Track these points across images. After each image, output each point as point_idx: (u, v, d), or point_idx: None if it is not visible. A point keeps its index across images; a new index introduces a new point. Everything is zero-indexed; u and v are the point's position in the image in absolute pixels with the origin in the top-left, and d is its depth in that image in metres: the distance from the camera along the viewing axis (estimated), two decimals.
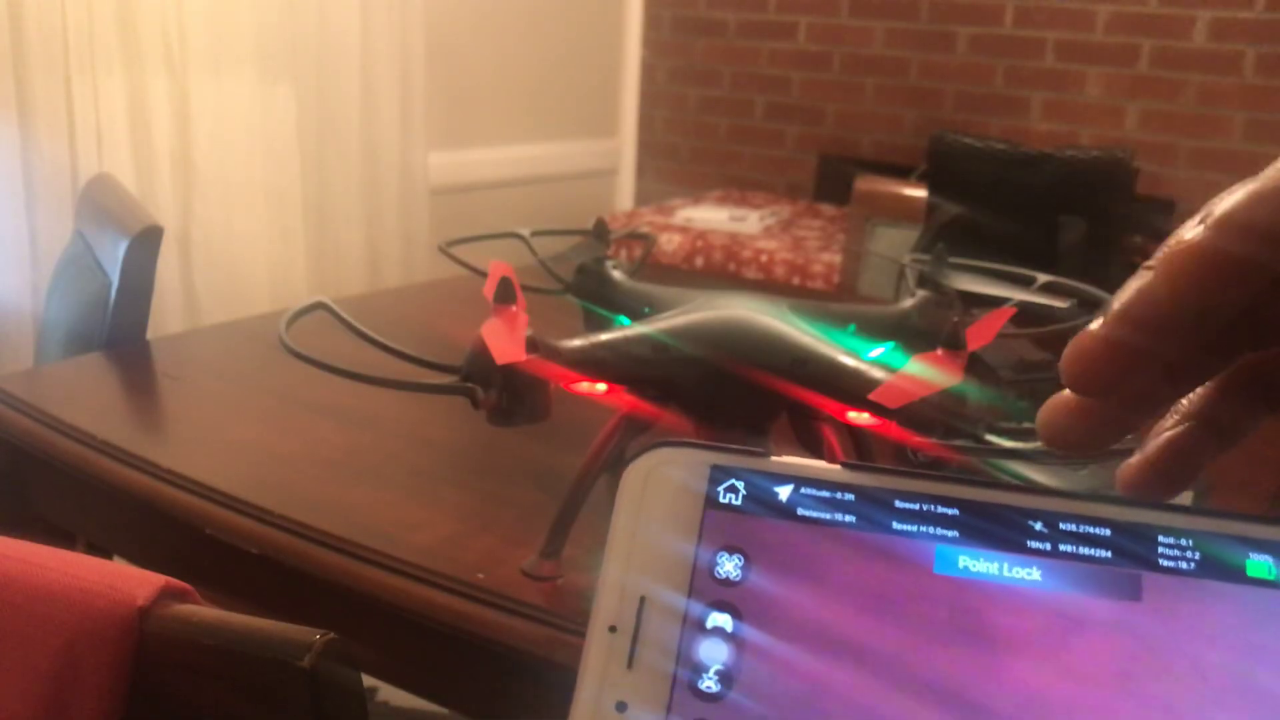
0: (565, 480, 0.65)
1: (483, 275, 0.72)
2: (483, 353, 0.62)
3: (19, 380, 1.01)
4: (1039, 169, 2.26)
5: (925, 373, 0.61)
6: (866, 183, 2.31)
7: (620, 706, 0.21)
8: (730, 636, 0.22)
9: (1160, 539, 0.22)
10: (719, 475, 0.24)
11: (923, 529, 0.23)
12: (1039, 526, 0.23)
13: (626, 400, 0.65)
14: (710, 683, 0.21)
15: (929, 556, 0.22)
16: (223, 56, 2.23)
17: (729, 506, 0.23)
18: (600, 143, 3.41)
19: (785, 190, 3.27)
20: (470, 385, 0.63)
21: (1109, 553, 0.22)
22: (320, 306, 0.71)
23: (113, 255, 1.17)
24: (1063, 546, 0.22)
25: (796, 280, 2.57)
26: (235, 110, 2.26)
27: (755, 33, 3.22)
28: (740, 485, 0.23)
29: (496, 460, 0.86)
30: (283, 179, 2.37)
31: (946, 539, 0.23)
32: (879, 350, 0.71)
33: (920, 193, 2.23)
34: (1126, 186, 2.26)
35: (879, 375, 0.62)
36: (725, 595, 0.22)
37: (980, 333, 0.66)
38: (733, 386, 0.64)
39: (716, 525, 0.23)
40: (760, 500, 0.23)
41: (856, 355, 0.65)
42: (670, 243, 2.74)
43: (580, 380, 0.64)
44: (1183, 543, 0.22)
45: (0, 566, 0.49)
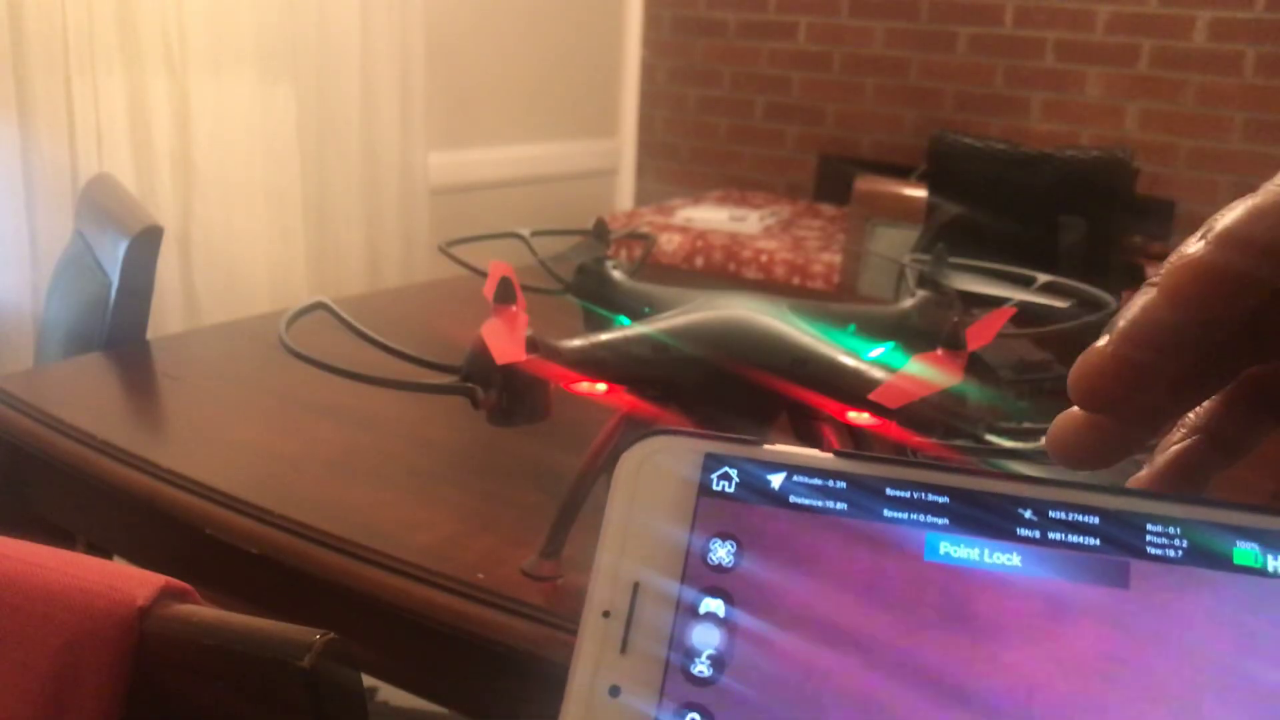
0: (565, 480, 0.65)
1: (483, 275, 0.73)
2: (483, 353, 0.62)
3: (19, 380, 1.01)
4: (1039, 169, 2.26)
5: (925, 373, 0.61)
6: (866, 183, 2.31)
7: (614, 691, 0.22)
8: (723, 622, 0.22)
9: (1148, 527, 0.23)
10: (712, 463, 0.24)
11: (914, 517, 0.23)
12: (1029, 514, 0.23)
13: (626, 400, 0.65)
14: (703, 667, 0.22)
15: (920, 544, 0.23)
16: (223, 56, 2.23)
17: (722, 494, 0.23)
18: (600, 143, 3.41)
19: (785, 190, 3.27)
20: (470, 385, 0.63)
21: (1097, 540, 0.22)
22: (320, 306, 0.71)
23: (113, 255, 1.17)
24: (1052, 534, 0.23)
25: (796, 280, 2.57)
26: (235, 110, 2.27)
27: (755, 33, 3.22)
28: (733, 473, 0.24)
29: (496, 460, 0.86)
30: (283, 179, 2.37)
31: (937, 526, 0.23)
32: (879, 350, 0.71)
33: (920, 193, 2.23)
34: (1126, 186, 2.26)
35: (879, 375, 0.62)
36: (718, 581, 0.23)
37: (980, 333, 0.66)
38: (733, 386, 0.64)
39: (710, 512, 0.23)
40: (753, 488, 0.23)
41: (856, 355, 0.65)
42: (670, 243, 2.74)
43: (580, 380, 0.64)
44: (1170, 531, 0.22)
45: (0, 566, 0.49)
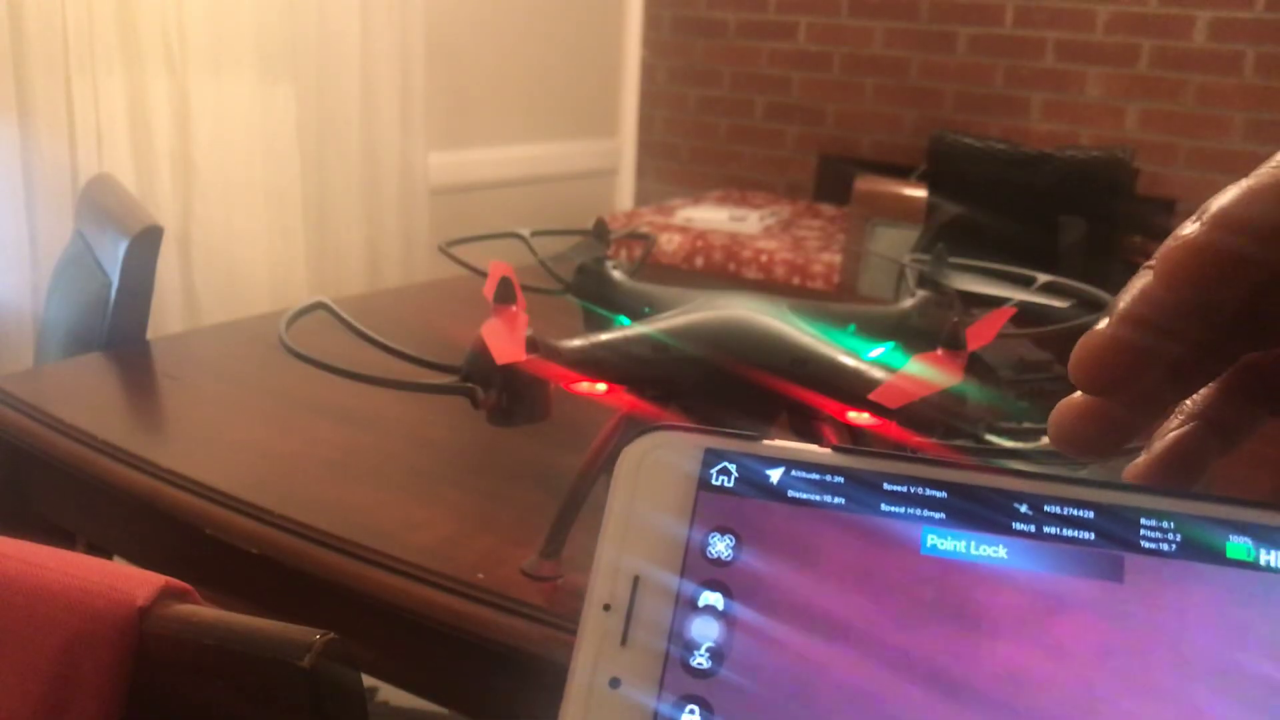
0: (565, 480, 0.65)
1: (483, 275, 0.73)
2: (483, 353, 0.62)
3: (19, 380, 1.01)
4: (1039, 169, 2.26)
5: (925, 373, 0.61)
6: (866, 183, 2.31)
7: (614, 683, 0.22)
8: (722, 615, 0.22)
9: (1142, 521, 0.23)
10: (712, 458, 0.24)
11: (910, 511, 0.23)
12: (1024, 509, 0.23)
13: (626, 400, 0.65)
14: (702, 660, 0.22)
15: (916, 538, 0.23)
16: (223, 56, 2.23)
17: (721, 489, 0.24)
18: (600, 143, 3.41)
19: (785, 190, 3.27)
20: (470, 385, 0.63)
21: (1092, 534, 0.23)
22: (320, 306, 0.71)
23: (113, 255, 1.17)
24: (1047, 528, 0.23)
25: (796, 280, 2.58)
26: (235, 110, 2.27)
27: (755, 33, 3.22)
28: (732, 468, 0.24)
29: (496, 460, 0.86)
30: (283, 179, 2.37)
31: (933, 520, 0.23)
32: (879, 350, 0.71)
33: (920, 193, 2.23)
34: (1126, 186, 2.27)
35: (879, 375, 0.62)
36: (717, 575, 0.23)
37: (980, 333, 0.66)
38: (733, 386, 0.64)
39: (709, 507, 0.23)
40: (752, 483, 0.24)
41: (856, 355, 0.65)
42: (670, 243, 2.74)
43: (580, 380, 0.64)
44: (1164, 525, 0.23)
45: (0, 566, 0.49)
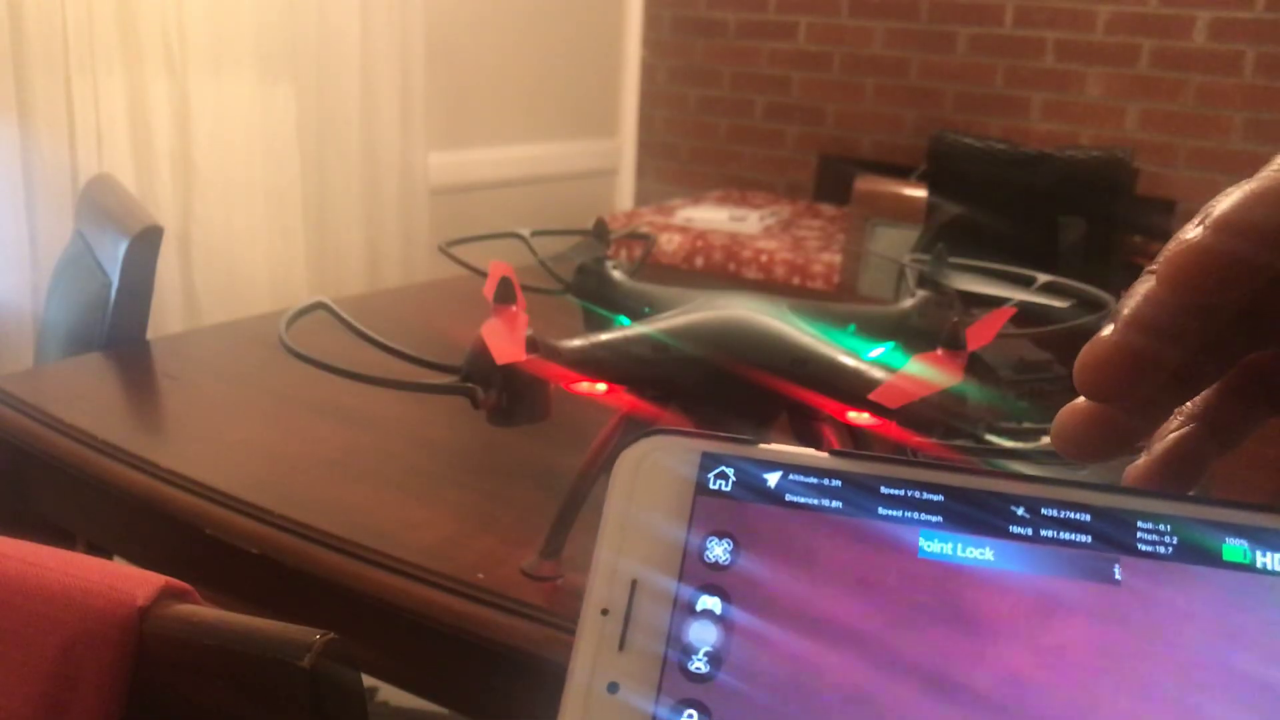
0: (565, 480, 0.65)
1: (483, 275, 0.73)
2: (483, 353, 0.62)
3: (19, 380, 1.01)
4: (1039, 169, 2.26)
5: (925, 373, 0.61)
6: (866, 183, 2.31)
7: (612, 687, 0.22)
8: (719, 619, 0.22)
9: (1139, 524, 0.23)
10: (709, 462, 0.24)
11: (907, 514, 0.23)
12: (1021, 512, 0.23)
13: (626, 400, 0.65)
14: (700, 664, 0.22)
15: (913, 541, 0.23)
16: (223, 56, 2.23)
17: (719, 492, 0.24)
18: (600, 143, 3.41)
19: (785, 190, 3.27)
20: (470, 385, 0.63)
21: (1089, 537, 0.23)
22: (320, 306, 0.71)
23: (113, 255, 1.17)
24: (1044, 531, 0.23)
25: (796, 280, 2.58)
26: (235, 110, 2.27)
27: (755, 33, 3.22)
28: (730, 472, 0.24)
29: (496, 460, 0.86)
30: (283, 179, 2.37)
31: (930, 524, 0.23)
32: (879, 350, 0.71)
33: (920, 193, 2.23)
34: (1126, 186, 2.27)
35: (879, 375, 0.62)
36: (715, 579, 0.23)
37: (980, 333, 0.66)
38: (733, 386, 0.64)
39: (706, 511, 0.23)
40: (749, 486, 0.24)
41: (856, 355, 0.65)
42: (670, 243, 2.74)
43: (580, 380, 0.64)
44: (1161, 528, 0.23)
45: (0, 566, 0.49)
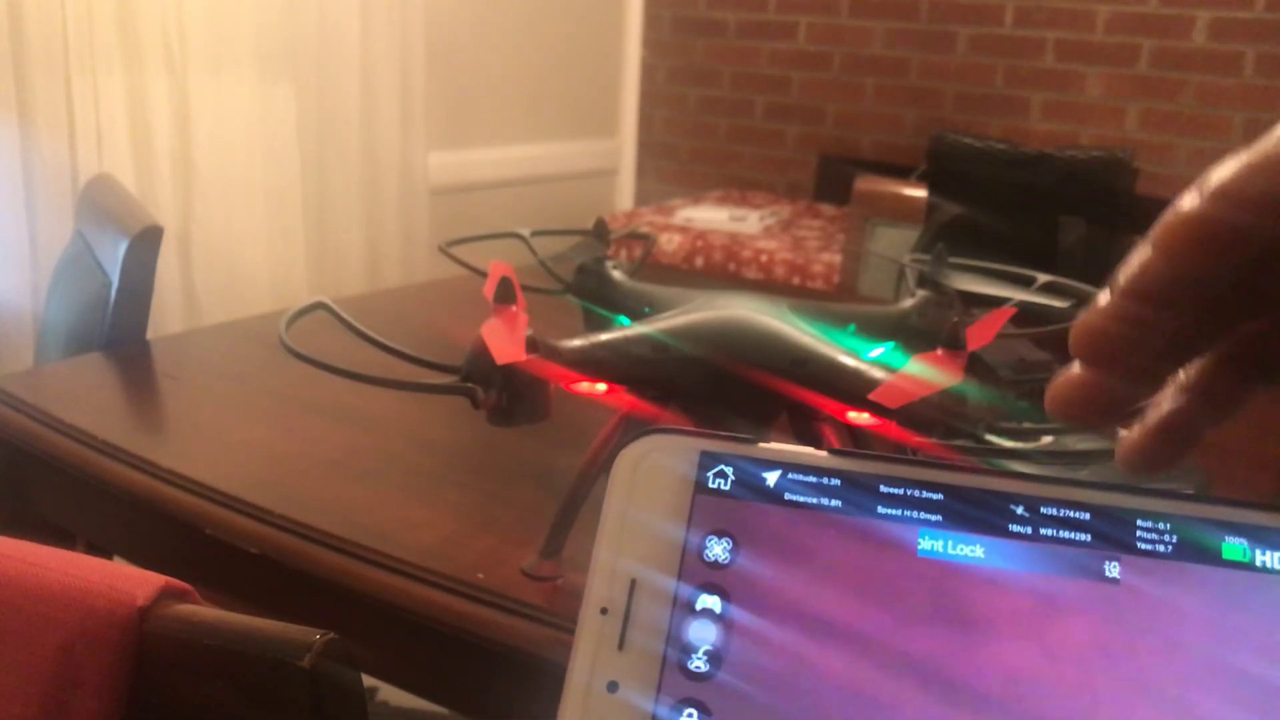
0: (565, 480, 0.65)
1: (483, 275, 0.72)
2: (483, 353, 0.62)
3: (19, 380, 1.01)
4: (1039, 169, 2.26)
5: (925, 373, 0.61)
6: (866, 183, 2.31)
7: (611, 686, 0.22)
8: (719, 618, 0.22)
9: (1138, 523, 0.23)
10: (708, 461, 0.24)
11: (907, 513, 0.23)
12: (1020, 510, 0.23)
13: (626, 400, 0.65)
14: (699, 663, 0.22)
15: (913, 540, 0.23)
16: (223, 56, 2.23)
17: (718, 491, 0.24)
18: (600, 143, 3.41)
19: (785, 190, 3.27)
20: (470, 385, 0.63)
21: (1088, 536, 0.23)
22: (320, 306, 0.71)
23: (113, 255, 1.17)
24: (1043, 530, 0.23)
25: (796, 280, 2.57)
26: (235, 110, 2.27)
27: (755, 33, 3.22)
28: (729, 471, 0.24)
29: (496, 460, 0.86)
30: (283, 179, 2.37)
31: (930, 523, 0.23)
32: (879, 350, 0.71)
33: (920, 193, 2.23)
34: (1126, 186, 2.26)
35: (879, 375, 0.62)
36: (714, 578, 0.23)
37: (980, 333, 0.66)
38: (733, 386, 0.64)
39: (706, 510, 0.23)
40: (748, 485, 0.24)
41: (856, 355, 0.65)
42: (670, 243, 2.74)
43: (580, 380, 0.64)
44: (1160, 526, 0.23)
45: (0, 566, 0.49)
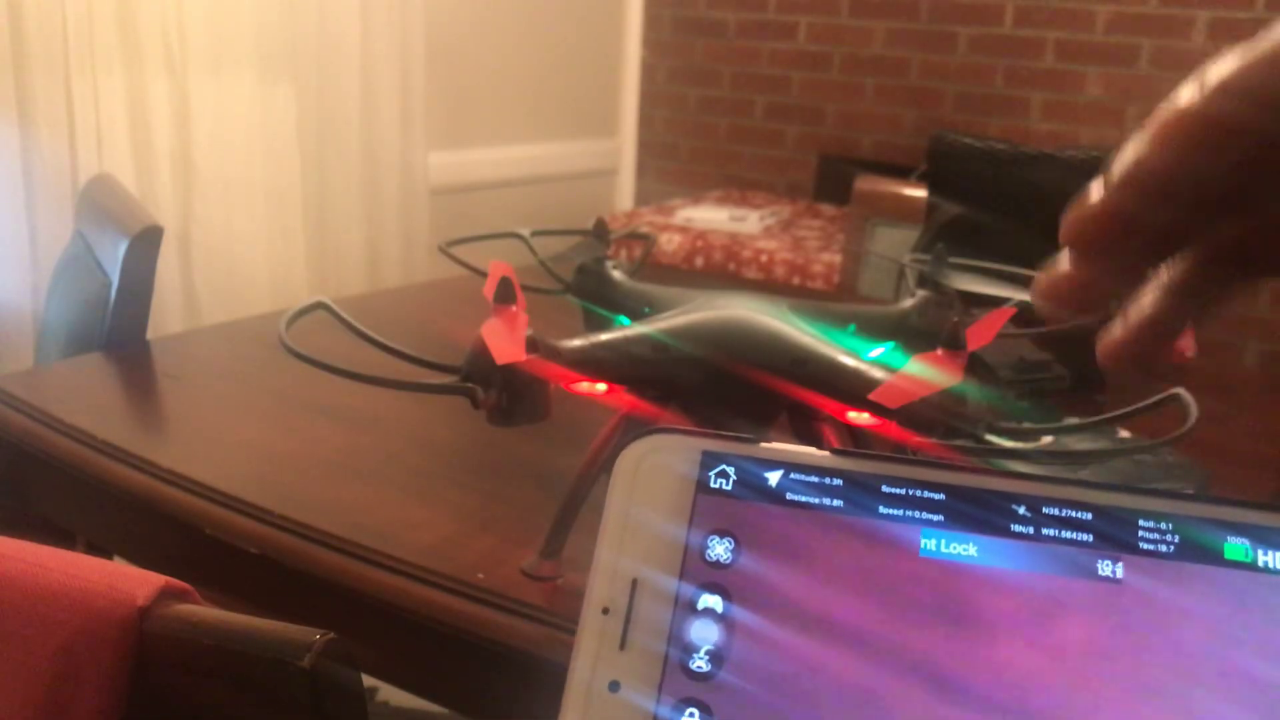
0: (565, 480, 0.65)
1: (483, 275, 0.72)
2: (483, 353, 0.62)
3: (19, 380, 1.01)
4: (1039, 169, 2.25)
5: (925, 373, 0.61)
6: (866, 183, 2.31)
7: (613, 686, 0.22)
8: (720, 618, 0.22)
9: (1140, 522, 0.23)
10: (710, 461, 0.24)
11: (909, 513, 0.23)
12: (1022, 510, 0.23)
13: (626, 400, 0.65)
14: (701, 663, 0.22)
15: (915, 540, 0.23)
16: (223, 56, 2.23)
17: (720, 491, 0.24)
18: (600, 143, 3.40)
19: (785, 190, 3.27)
20: (470, 385, 0.63)
21: (1090, 536, 0.23)
22: (320, 306, 0.71)
23: (113, 255, 1.17)
24: (1045, 530, 0.23)
25: (796, 280, 2.57)
26: (235, 110, 2.26)
27: (755, 33, 3.22)
28: (731, 470, 0.24)
29: (496, 460, 0.86)
30: (283, 179, 2.37)
31: (932, 523, 0.23)
32: (879, 350, 0.71)
33: (920, 193, 2.23)
34: None
35: (879, 375, 0.62)
36: (716, 577, 0.23)
37: (980, 333, 0.66)
38: (733, 386, 0.64)
39: (707, 509, 0.23)
40: (750, 485, 0.24)
41: (856, 355, 0.65)
42: (670, 243, 2.74)
43: (580, 380, 0.64)
44: (1162, 526, 0.23)
45: (0, 566, 0.49)
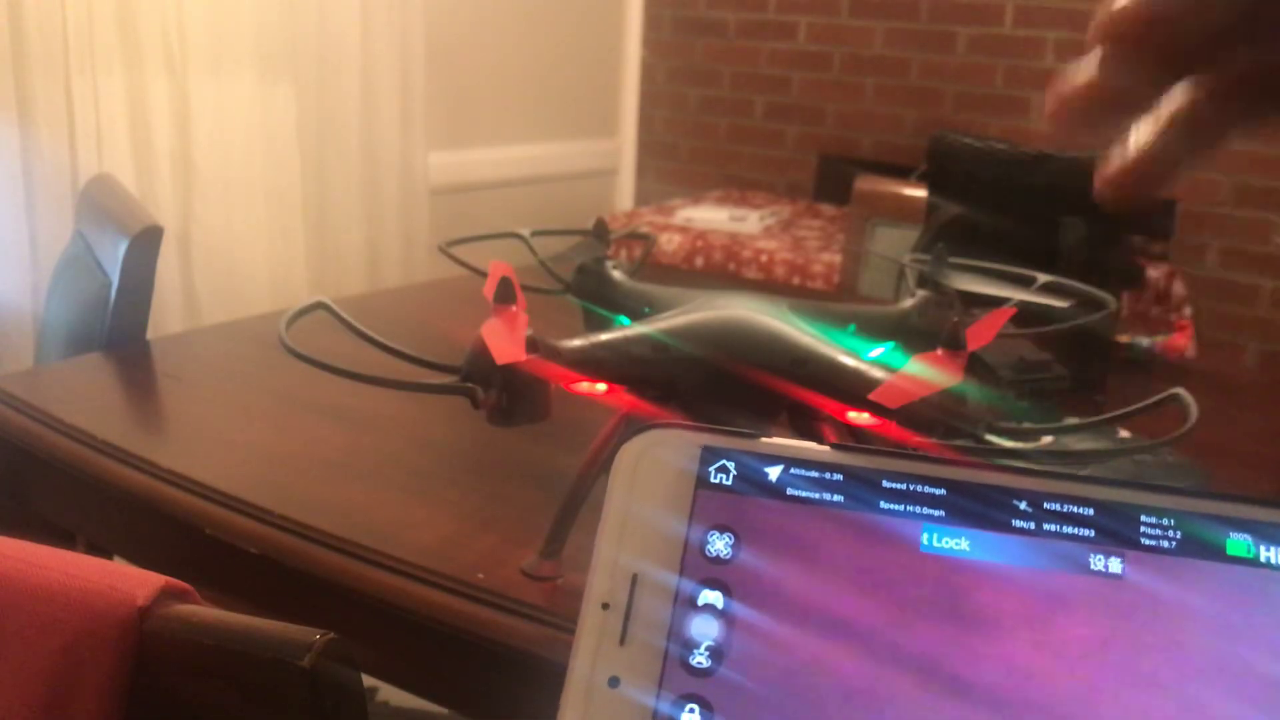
0: (565, 480, 0.65)
1: (483, 275, 0.72)
2: (483, 353, 0.62)
3: (19, 380, 1.01)
4: (1039, 169, 2.25)
5: (925, 373, 0.61)
6: (866, 183, 2.31)
7: (613, 682, 0.22)
8: (721, 613, 0.22)
9: (1142, 518, 0.23)
10: (710, 456, 0.24)
11: (910, 508, 0.23)
12: (1024, 506, 0.23)
13: (626, 400, 0.65)
14: (701, 658, 0.22)
15: (916, 535, 0.23)
16: (223, 56, 2.23)
17: (720, 486, 0.23)
18: (600, 143, 3.40)
19: (785, 190, 3.27)
20: (470, 385, 0.63)
21: (1092, 532, 0.23)
22: (320, 306, 0.71)
23: (113, 255, 1.17)
24: (1047, 525, 0.23)
25: (796, 280, 2.57)
26: (235, 110, 2.26)
27: (755, 33, 3.22)
28: (731, 466, 0.24)
29: (496, 460, 0.86)
30: (283, 179, 2.37)
31: (933, 518, 0.23)
32: (879, 350, 0.71)
33: (920, 193, 2.23)
34: None
35: (879, 375, 0.62)
36: (716, 573, 0.23)
37: (980, 333, 0.66)
38: (733, 386, 0.64)
39: (707, 505, 0.23)
40: (750, 480, 0.23)
41: (856, 355, 0.65)
42: (670, 243, 2.74)
43: (580, 380, 0.64)
44: (1164, 522, 0.23)
45: (0, 566, 0.49)
